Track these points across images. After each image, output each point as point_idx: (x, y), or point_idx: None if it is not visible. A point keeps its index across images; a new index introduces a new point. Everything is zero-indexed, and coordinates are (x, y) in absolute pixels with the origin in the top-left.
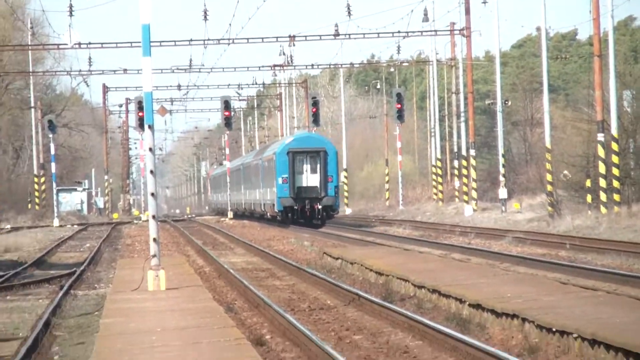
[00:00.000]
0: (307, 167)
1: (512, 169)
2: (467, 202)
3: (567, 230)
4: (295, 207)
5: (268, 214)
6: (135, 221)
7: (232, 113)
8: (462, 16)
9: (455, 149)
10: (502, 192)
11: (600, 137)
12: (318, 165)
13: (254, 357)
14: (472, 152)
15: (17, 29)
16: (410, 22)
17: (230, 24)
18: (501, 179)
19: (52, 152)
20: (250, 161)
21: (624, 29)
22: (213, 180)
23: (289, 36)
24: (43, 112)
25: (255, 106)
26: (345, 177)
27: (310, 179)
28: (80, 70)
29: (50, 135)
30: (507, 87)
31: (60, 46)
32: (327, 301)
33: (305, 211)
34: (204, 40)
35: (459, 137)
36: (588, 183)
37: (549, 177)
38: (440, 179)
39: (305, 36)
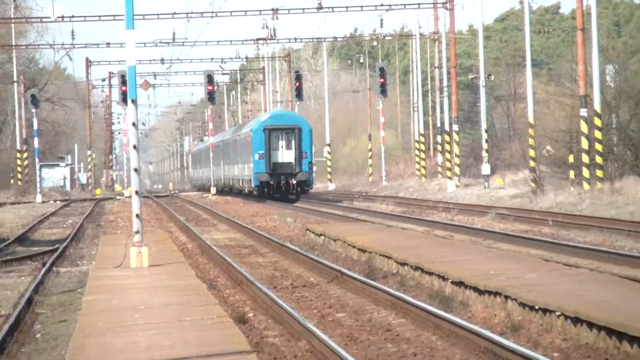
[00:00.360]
0: (282, 143)
1: (495, 145)
2: (450, 178)
3: (550, 206)
4: (271, 183)
5: (246, 189)
6: (118, 197)
7: (215, 87)
8: None
9: (438, 124)
10: (485, 168)
11: (583, 112)
12: (293, 142)
13: (236, 334)
14: (455, 127)
15: (0, 2)
16: None
17: None
18: (484, 154)
19: (35, 127)
20: (229, 138)
21: (607, 2)
22: (194, 156)
23: (272, 9)
24: (26, 86)
25: (239, 80)
26: (329, 152)
27: (285, 155)
28: (63, 44)
29: (33, 110)
30: (490, 62)
31: (43, 19)
32: (310, 278)
33: (281, 186)
34: (187, 13)
35: (442, 112)
36: (571, 159)
37: (531, 152)
38: (423, 155)
39: (289, 9)
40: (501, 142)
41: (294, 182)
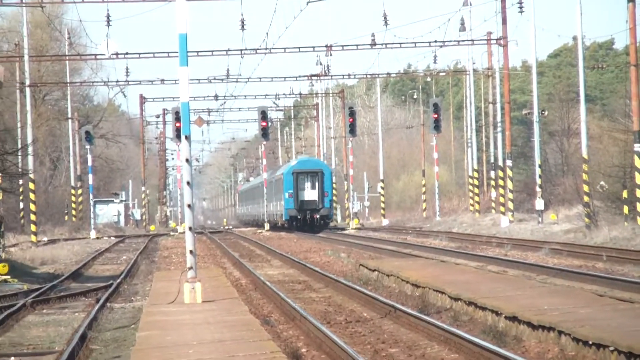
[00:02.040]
0: (308, 184)
1: (549, 180)
2: (503, 213)
3: (604, 241)
4: (299, 217)
5: (279, 223)
6: (171, 233)
7: (269, 123)
8: (498, 25)
9: (492, 160)
10: (539, 203)
11: (637, 147)
12: (317, 183)
13: None
14: (509, 162)
15: (55, 39)
16: (447, 32)
17: (267, 34)
18: (538, 189)
19: (89, 163)
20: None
21: None
22: (241, 194)
23: (326, 46)
24: (80, 123)
25: (292, 116)
26: (382, 187)
27: (310, 194)
28: (117, 81)
29: (88, 147)
30: (544, 97)
31: (98, 56)
32: (364, 313)
33: (307, 220)
34: (241, 49)
35: (495, 147)
36: (625, 194)
37: (585, 187)
38: (477, 190)
39: (342, 46)
40: (555, 177)
41: (318, 216)
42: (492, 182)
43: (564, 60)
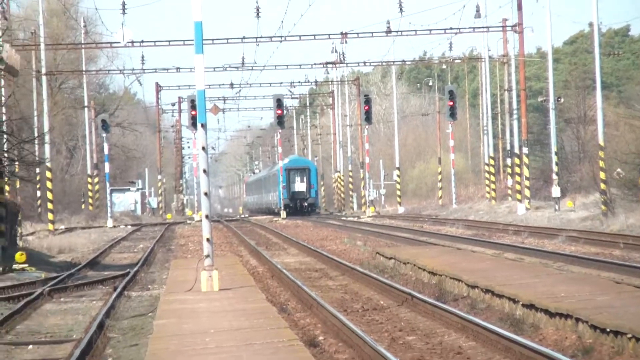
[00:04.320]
0: (297, 178)
1: (565, 167)
2: (520, 200)
3: (621, 228)
4: (291, 205)
5: (275, 210)
6: (188, 221)
7: (285, 111)
8: (514, 12)
9: (508, 147)
10: (555, 191)
11: None
12: (305, 178)
13: (307, 358)
14: (525, 150)
15: (70, 28)
16: (462, 19)
17: (282, 22)
18: (554, 177)
19: (106, 151)
20: (265, 175)
21: None
22: (247, 185)
23: (341, 33)
24: (96, 111)
25: (308, 104)
26: (398, 175)
27: (299, 186)
28: (133, 69)
29: (104, 135)
30: (560, 84)
31: (113, 45)
32: (380, 301)
33: (297, 207)
34: (257, 37)
35: (511, 135)
36: None
37: (602, 175)
38: (493, 177)
39: (358, 33)
40: (571, 165)
41: (306, 204)
42: (509, 170)
43: (579, 47)
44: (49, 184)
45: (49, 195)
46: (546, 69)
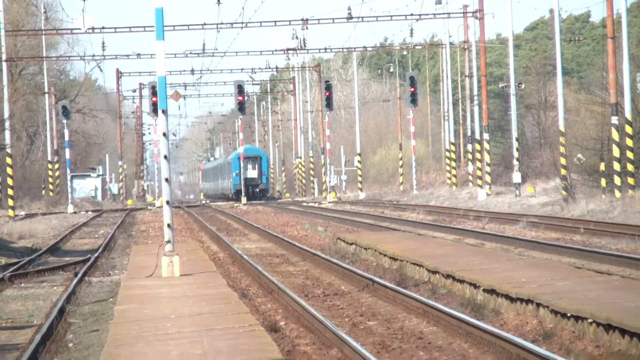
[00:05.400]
0: (250, 166)
1: (526, 153)
2: (481, 186)
3: (582, 214)
4: (242, 190)
5: (229, 195)
6: (149, 207)
7: (246, 98)
8: None
9: (469, 133)
10: (516, 176)
11: (614, 120)
12: (256, 165)
13: (268, 343)
14: (486, 135)
15: (31, 14)
16: (424, 5)
17: (243, 8)
18: (515, 162)
19: (66, 138)
20: (221, 162)
21: (637, 10)
22: (203, 172)
23: (302, 19)
24: (57, 97)
25: (269, 90)
26: (359, 161)
27: (251, 173)
28: (93, 55)
29: (64, 121)
30: (521, 70)
31: (74, 31)
32: (342, 287)
33: (249, 193)
34: (217, 24)
35: (472, 120)
36: (602, 167)
37: (562, 160)
38: (454, 163)
39: (319, 19)
40: (532, 151)
41: (257, 190)
42: (469, 156)
43: (540, 33)
44: (9, 170)
45: (10, 181)
46: (507, 55)
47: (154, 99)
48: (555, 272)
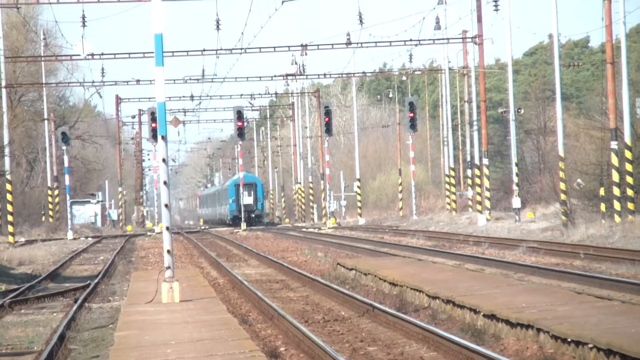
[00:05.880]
0: (245, 193)
1: (526, 178)
2: (480, 211)
3: (581, 239)
4: (239, 216)
5: (226, 220)
6: (148, 233)
7: (245, 123)
8: (474, 24)
9: (468, 158)
10: (516, 202)
11: (614, 145)
12: (252, 192)
13: None
14: (485, 161)
15: (30, 40)
16: (422, 30)
17: (242, 33)
18: (514, 188)
19: (66, 164)
20: (218, 189)
21: (637, 36)
22: (201, 198)
23: (301, 45)
24: (56, 123)
25: (268, 116)
26: (358, 186)
27: (247, 199)
28: (93, 81)
29: (64, 147)
30: (520, 95)
31: (73, 57)
32: (342, 312)
33: (245, 218)
34: (217, 50)
35: (471, 146)
36: (602, 192)
37: (562, 185)
38: (453, 189)
39: (318, 45)
40: (531, 176)
41: (253, 215)
42: (469, 181)
43: (539, 59)
44: (9, 197)
45: (9, 207)
46: (506, 81)
47: (153, 124)
48: (555, 298)
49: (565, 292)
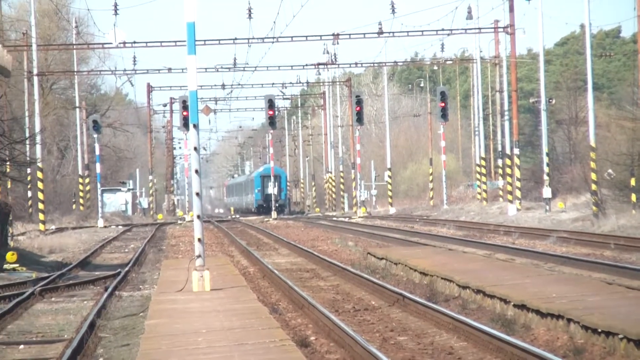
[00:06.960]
0: (270, 183)
1: (556, 168)
2: (511, 201)
3: (612, 229)
4: (264, 205)
5: (251, 209)
6: (179, 222)
7: (276, 112)
8: (506, 14)
9: (499, 148)
10: (546, 192)
11: None
12: (276, 183)
13: (298, 358)
14: (516, 151)
15: (62, 29)
16: (454, 20)
17: (274, 22)
18: (545, 178)
19: (97, 152)
20: (244, 180)
21: None
22: (228, 187)
23: (333, 34)
24: (88, 112)
25: (299, 105)
26: (389, 176)
27: (272, 190)
28: (124, 70)
29: (95, 136)
30: (551, 85)
31: (105, 45)
32: (372, 302)
33: (269, 207)
34: (248, 38)
35: (502, 136)
36: (633, 182)
37: (593, 176)
38: (484, 178)
39: (349, 34)
40: (562, 166)
41: (277, 205)
42: (500, 171)
43: (571, 49)
44: (40, 185)
45: (40, 195)
46: (537, 70)
47: (184, 113)
48: (585, 288)
49: (595, 283)
